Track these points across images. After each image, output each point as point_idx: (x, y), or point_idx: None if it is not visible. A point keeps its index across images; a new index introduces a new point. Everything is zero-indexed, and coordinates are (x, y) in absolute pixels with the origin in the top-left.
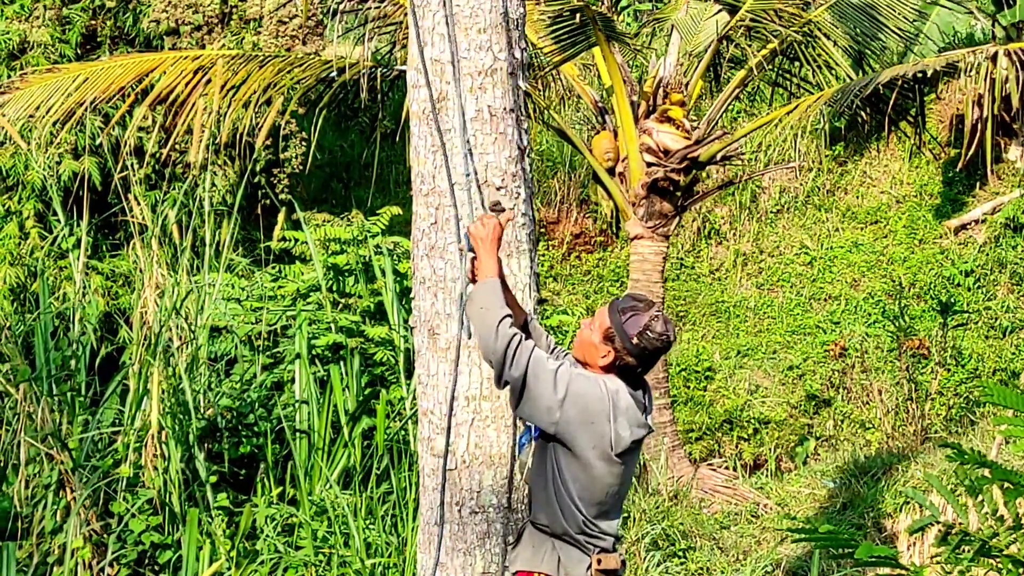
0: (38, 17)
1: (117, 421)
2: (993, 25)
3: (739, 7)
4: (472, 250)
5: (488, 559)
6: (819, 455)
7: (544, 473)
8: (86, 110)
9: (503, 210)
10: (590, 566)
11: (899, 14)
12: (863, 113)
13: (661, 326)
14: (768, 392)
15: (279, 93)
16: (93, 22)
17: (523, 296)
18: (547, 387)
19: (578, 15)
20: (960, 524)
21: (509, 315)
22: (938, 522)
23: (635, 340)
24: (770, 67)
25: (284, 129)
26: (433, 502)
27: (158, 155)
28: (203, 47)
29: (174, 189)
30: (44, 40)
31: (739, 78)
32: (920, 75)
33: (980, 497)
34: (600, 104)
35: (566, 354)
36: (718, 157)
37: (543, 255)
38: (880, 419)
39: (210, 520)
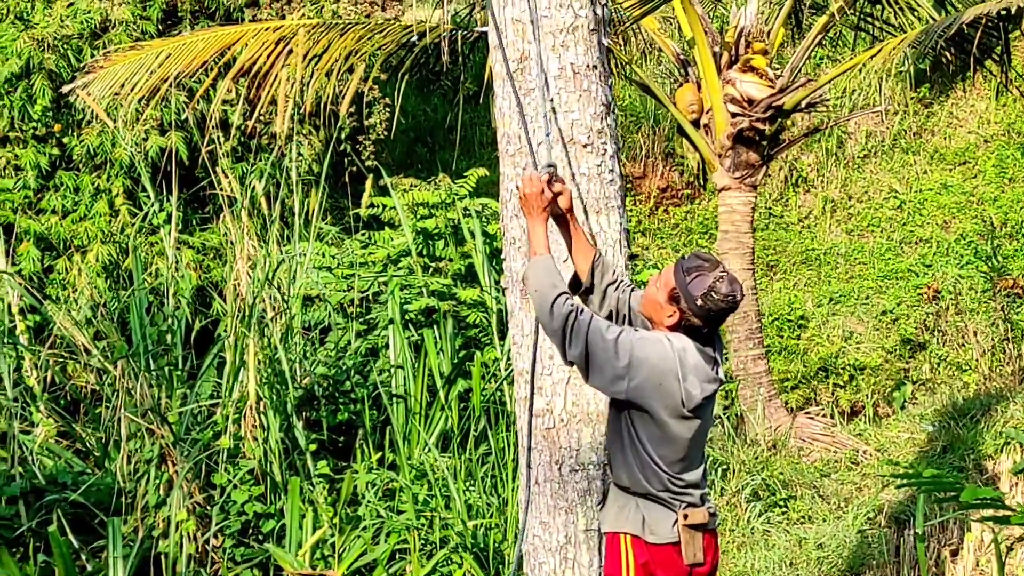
0: None
1: (215, 393)
2: None
3: None
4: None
5: (590, 516)
6: (916, 399)
7: (621, 436)
8: (170, 86)
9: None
10: (676, 522)
11: None
12: (947, 53)
13: (726, 287)
14: (862, 338)
15: (361, 60)
16: None
17: (614, 252)
18: (610, 357)
19: None
20: None
21: (564, 292)
22: None
23: (700, 302)
24: (852, 11)
25: (367, 96)
26: (533, 461)
27: (243, 127)
28: (283, 17)
29: (261, 160)
30: (125, 18)
31: (821, 24)
32: (1004, 12)
33: None
34: (682, 56)
35: (633, 288)
36: (803, 104)
37: (630, 210)
38: (977, 360)
39: (311, 488)
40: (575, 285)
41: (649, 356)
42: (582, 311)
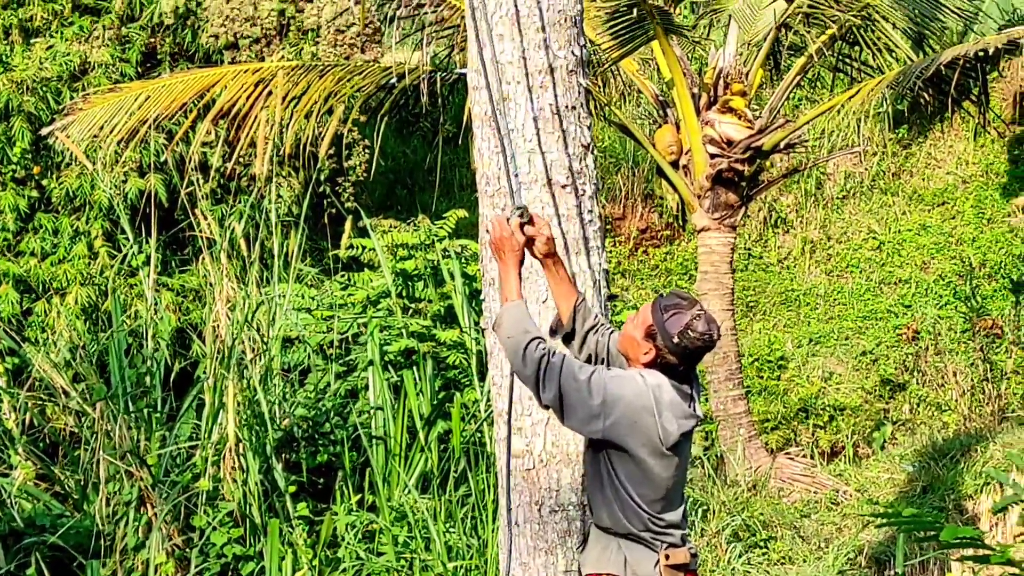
0: (98, 37)
1: (194, 435)
2: None
3: None
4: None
5: (570, 557)
6: (896, 439)
7: (600, 476)
8: (149, 128)
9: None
10: (658, 562)
11: None
12: (925, 94)
13: (703, 325)
14: (842, 378)
15: (340, 102)
16: (152, 40)
17: (593, 293)
18: (584, 397)
19: (635, 9)
20: None
21: (536, 337)
22: (1021, 500)
23: (676, 339)
24: (830, 53)
25: (347, 137)
26: (512, 502)
27: (223, 169)
28: (262, 59)
29: (240, 202)
30: (105, 60)
31: (799, 65)
32: (981, 53)
33: None
34: (661, 98)
35: (612, 331)
36: (782, 145)
37: (610, 251)
38: (956, 400)
39: (291, 530)
40: (556, 329)
41: (624, 394)
42: (554, 353)
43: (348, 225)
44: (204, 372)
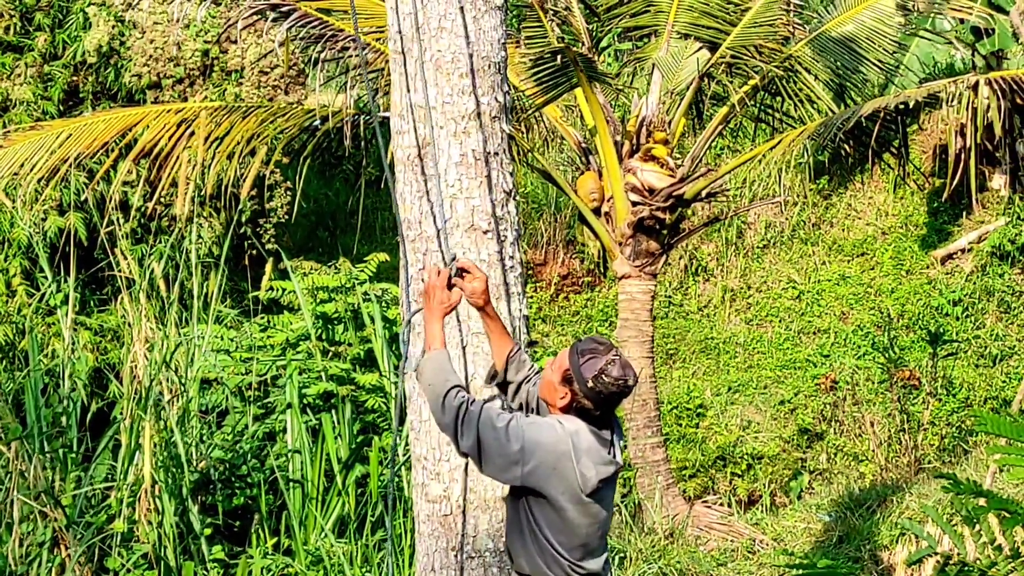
0: (20, 75)
1: (110, 476)
2: (973, 55)
3: (719, 44)
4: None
5: None
6: (813, 489)
7: (520, 523)
8: (70, 166)
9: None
10: None
11: (879, 46)
12: (846, 146)
13: (618, 371)
14: (760, 427)
15: (263, 143)
16: (75, 78)
17: (513, 339)
18: (502, 444)
19: (559, 57)
20: (957, 554)
21: (456, 386)
22: (935, 553)
23: (591, 383)
24: (752, 103)
25: (269, 179)
26: (429, 548)
27: (144, 209)
28: (185, 100)
29: (160, 242)
30: (26, 97)
31: (722, 115)
32: (902, 106)
33: (977, 527)
34: (584, 145)
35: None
36: (703, 194)
37: (531, 297)
38: (873, 451)
39: (206, 573)
40: (493, 376)
41: (542, 440)
42: (473, 402)
43: (269, 267)
44: (121, 413)
